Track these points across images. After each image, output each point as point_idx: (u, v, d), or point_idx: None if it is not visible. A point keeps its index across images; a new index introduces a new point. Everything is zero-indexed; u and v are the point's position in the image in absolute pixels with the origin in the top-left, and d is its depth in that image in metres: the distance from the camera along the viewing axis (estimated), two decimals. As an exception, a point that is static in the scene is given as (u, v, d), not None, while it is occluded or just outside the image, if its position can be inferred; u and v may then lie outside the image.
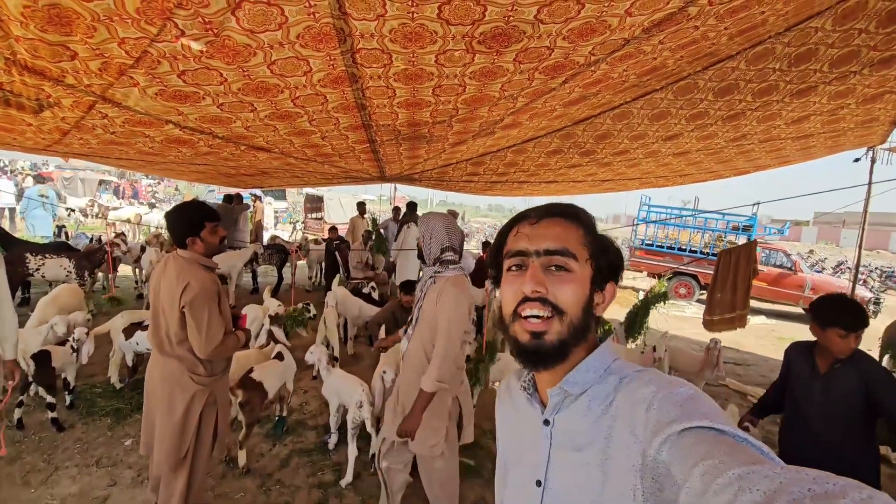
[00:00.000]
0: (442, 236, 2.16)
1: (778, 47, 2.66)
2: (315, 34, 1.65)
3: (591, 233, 0.79)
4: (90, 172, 20.64)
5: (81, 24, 1.42)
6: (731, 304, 4.36)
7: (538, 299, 0.73)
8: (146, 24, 1.44)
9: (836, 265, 18.17)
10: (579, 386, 0.74)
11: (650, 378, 0.69)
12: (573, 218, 0.79)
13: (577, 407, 0.74)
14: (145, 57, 1.65)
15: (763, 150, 4.73)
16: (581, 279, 0.75)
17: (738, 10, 1.98)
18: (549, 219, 0.79)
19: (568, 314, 0.73)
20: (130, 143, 2.88)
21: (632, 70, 2.53)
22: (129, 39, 1.53)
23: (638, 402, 0.65)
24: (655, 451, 0.59)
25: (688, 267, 10.59)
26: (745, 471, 0.47)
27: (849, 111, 3.76)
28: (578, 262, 0.75)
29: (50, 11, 1.34)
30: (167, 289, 2.00)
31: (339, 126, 2.79)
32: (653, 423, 0.60)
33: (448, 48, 1.84)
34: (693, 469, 0.51)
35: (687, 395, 0.62)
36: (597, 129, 3.72)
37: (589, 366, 0.75)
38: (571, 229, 0.78)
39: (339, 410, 3.23)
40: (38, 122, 2.31)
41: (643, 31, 1.94)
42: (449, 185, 6.96)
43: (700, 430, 0.56)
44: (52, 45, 1.53)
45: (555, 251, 0.75)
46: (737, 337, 6.86)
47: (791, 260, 10.16)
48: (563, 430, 0.75)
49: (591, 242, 0.77)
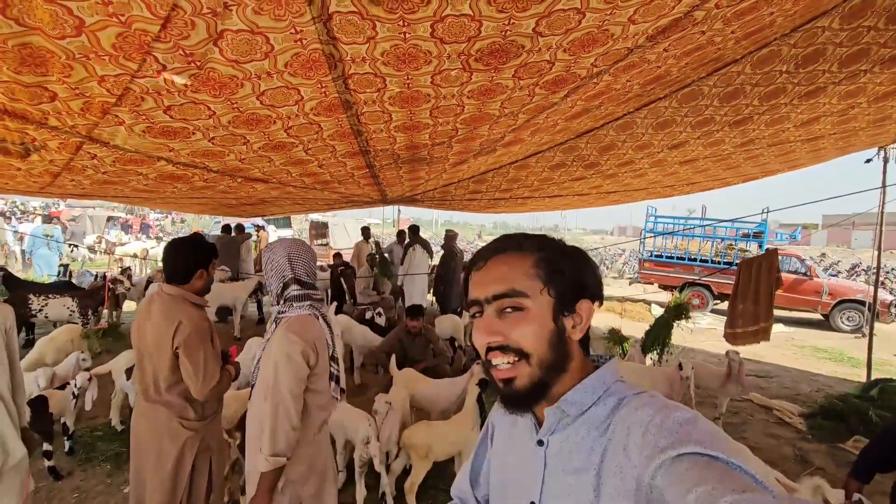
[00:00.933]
0: (282, 266, 1.76)
1: (784, 49, 2.59)
2: (304, 61, 1.58)
3: (544, 258, 0.74)
4: (99, 210, 20.90)
5: (57, 63, 1.36)
6: (753, 316, 4.19)
7: (498, 347, 0.71)
8: (125, 59, 1.38)
9: (851, 268, 17.79)
10: (577, 406, 0.72)
11: (647, 401, 0.67)
12: (516, 250, 0.76)
13: (573, 429, 0.72)
14: (128, 94, 1.58)
15: (772, 155, 4.63)
16: (538, 315, 0.71)
17: (747, 12, 1.90)
18: (493, 259, 0.76)
19: (534, 355, 0.70)
20: (124, 182, 2.83)
21: (635, 80, 2.45)
22: (108, 77, 1.47)
23: (634, 425, 0.64)
24: (650, 477, 0.58)
25: (700, 277, 10.38)
26: (737, 498, 0.47)
27: (860, 110, 3.67)
28: (531, 297, 0.71)
29: (21, 51, 1.28)
30: (154, 330, 1.86)
31: (335, 154, 2.73)
32: (648, 448, 0.60)
33: (444, 68, 1.77)
34: (686, 496, 0.51)
35: (683, 419, 0.61)
36: (600, 141, 3.64)
37: (588, 386, 0.72)
38: (517, 264, 0.74)
39: (345, 447, 3.08)
40: (27, 166, 2.26)
41: (647, 38, 1.86)
42: (452, 204, 6.90)
43: (694, 455, 0.55)
44: (29, 87, 1.47)
45: (502, 294, 0.72)
46: (755, 347, 6.61)
47: (806, 265, 9.92)
48: (557, 452, 0.73)
49: (546, 270, 0.73)
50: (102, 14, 1.17)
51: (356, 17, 1.38)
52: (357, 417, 2.89)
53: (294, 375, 1.59)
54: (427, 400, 3.55)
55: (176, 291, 1.93)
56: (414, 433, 2.83)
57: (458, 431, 2.93)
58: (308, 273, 1.80)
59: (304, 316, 1.72)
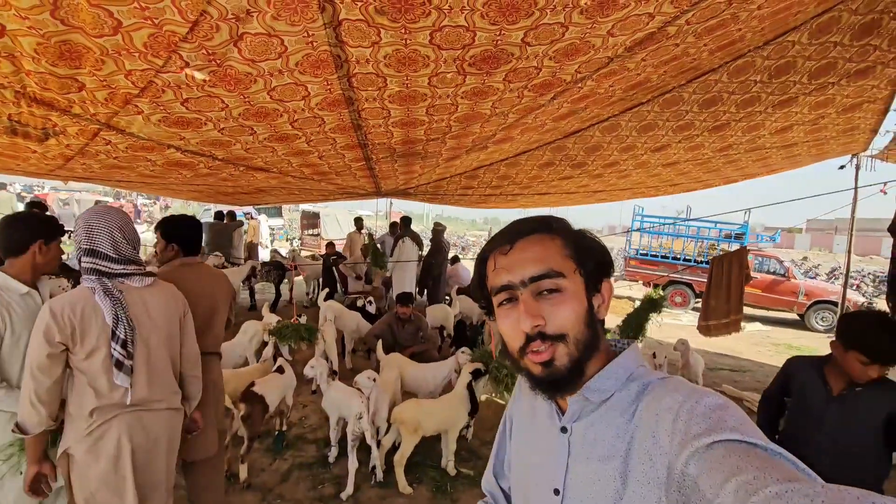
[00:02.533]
0: (80, 237, 1.65)
1: (758, 60, 2.76)
2: (313, 61, 1.73)
3: (571, 238, 0.74)
4: (86, 194, 20.68)
5: (90, 58, 1.50)
6: (725, 310, 4.44)
7: (538, 336, 0.69)
8: (153, 56, 1.52)
9: (830, 271, 18.33)
10: (600, 394, 0.70)
11: (675, 386, 0.65)
12: (546, 230, 0.74)
13: (597, 415, 0.70)
14: (150, 87, 1.72)
15: (750, 160, 4.84)
16: (576, 294, 0.70)
17: (716, 28, 2.08)
18: (521, 241, 0.73)
19: (570, 335, 0.69)
20: (132, 167, 2.95)
21: (618, 85, 2.63)
22: (135, 71, 1.60)
23: (663, 411, 0.62)
24: (683, 465, 0.56)
25: (682, 275, 10.69)
26: (783, 488, 0.44)
27: (829, 120, 3.87)
28: (567, 277, 0.70)
29: (62, 47, 1.41)
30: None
31: (335, 146, 2.88)
32: (680, 435, 0.58)
33: (440, 71, 1.93)
34: (725, 484, 0.49)
35: (715, 404, 0.59)
36: (587, 142, 3.81)
37: (611, 372, 0.71)
38: (549, 244, 0.72)
39: (339, 423, 3.25)
40: (43, 149, 2.38)
41: (626, 49, 2.03)
42: (444, 198, 7.05)
43: (730, 442, 0.53)
44: (62, 78, 1.60)
45: (541, 275, 0.69)
46: (733, 343, 6.91)
47: (784, 266, 10.27)
48: (581, 439, 0.71)
49: (574, 249, 0.72)
50: (139, 17, 1.32)
51: (363, 25, 1.54)
52: (350, 394, 3.06)
53: (37, 350, 1.53)
54: (415, 382, 3.74)
55: None
56: (404, 409, 3.02)
57: (446, 410, 3.13)
58: (112, 244, 1.65)
59: (77, 290, 1.62)
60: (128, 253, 1.70)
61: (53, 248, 1.84)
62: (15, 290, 1.75)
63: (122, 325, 1.61)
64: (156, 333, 1.74)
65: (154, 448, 1.74)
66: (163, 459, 1.78)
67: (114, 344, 1.60)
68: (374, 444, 2.98)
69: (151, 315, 1.74)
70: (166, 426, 1.79)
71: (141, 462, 1.69)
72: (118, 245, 1.67)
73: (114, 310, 1.60)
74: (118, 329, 1.60)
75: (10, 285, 1.74)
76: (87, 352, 1.59)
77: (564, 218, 0.77)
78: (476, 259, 0.82)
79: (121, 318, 1.61)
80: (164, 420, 1.78)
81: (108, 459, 1.62)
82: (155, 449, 1.74)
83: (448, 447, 3.18)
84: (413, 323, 4.71)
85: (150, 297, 1.75)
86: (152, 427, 1.73)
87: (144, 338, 1.70)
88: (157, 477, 1.77)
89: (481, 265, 0.79)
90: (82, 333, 1.57)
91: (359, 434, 2.92)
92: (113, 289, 1.63)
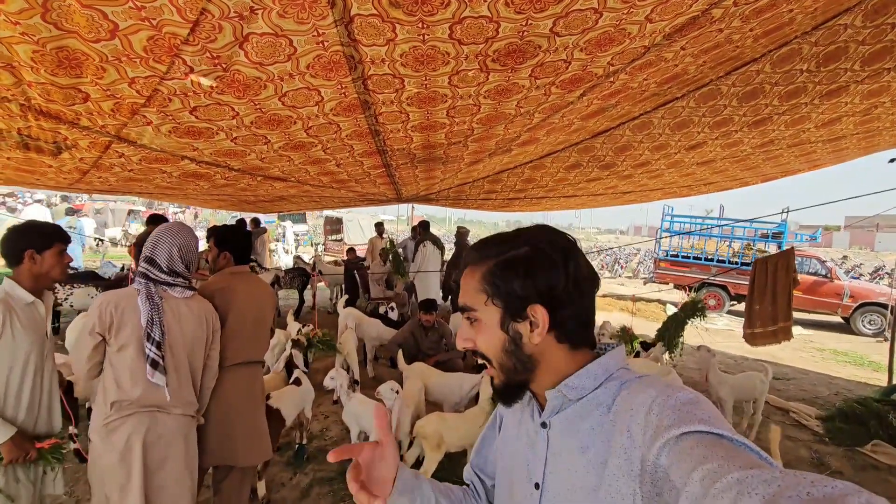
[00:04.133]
0: (146, 245, 1.90)
1: (805, 47, 2.55)
2: (325, 63, 1.62)
3: (492, 270, 0.76)
4: (120, 203, 21.40)
5: (91, 66, 1.42)
6: (772, 316, 4.13)
7: (473, 351, 0.78)
8: (154, 62, 1.43)
9: (874, 271, 17.36)
10: (577, 391, 0.73)
11: (650, 383, 0.68)
12: (475, 263, 0.79)
13: (575, 410, 0.73)
14: (156, 95, 1.64)
15: (792, 155, 4.55)
16: (487, 326, 0.76)
17: (765, 10, 1.88)
18: (464, 272, 0.81)
19: (494, 360, 0.76)
20: (149, 179, 2.92)
21: (652, 78, 2.44)
22: (139, 78, 1.52)
23: (637, 406, 0.65)
24: (654, 456, 0.58)
25: (716, 277, 10.23)
26: (744, 475, 0.47)
27: (884, 110, 3.59)
28: (479, 310, 0.76)
29: (59, 54, 1.34)
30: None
31: (353, 153, 2.77)
32: (652, 428, 0.60)
33: (461, 68, 1.79)
34: (692, 473, 0.51)
35: (686, 399, 0.62)
36: (616, 142, 3.62)
37: (590, 372, 0.73)
38: (468, 279, 0.79)
39: (360, 437, 3.14)
40: (58, 163, 2.35)
41: (664, 37, 1.86)
42: (466, 203, 6.92)
43: (698, 434, 0.56)
44: (64, 88, 1.53)
45: (462, 308, 0.79)
46: (773, 349, 6.52)
47: (826, 267, 9.71)
48: (560, 433, 0.74)
49: (490, 282, 0.75)
50: (135, 18, 1.22)
51: (377, 20, 1.41)
52: (371, 407, 2.95)
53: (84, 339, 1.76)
54: (440, 392, 3.60)
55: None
56: (427, 423, 2.88)
57: (471, 424, 2.97)
58: (168, 258, 1.85)
59: (126, 290, 1.83)
60: (179, 269, 1.88)
61: (48, 257, 1.83)
62: (21, 299, 1.80)
63: (157, 328, 1.76)
64: (183, 342, 1.87)
65: (169, 450, 1.82)
66: (180, 463, 1.85)
67: (148, 345, 1.74)
68: (396, 460, 2.85)
69: (182, 325, 1.87)
70: (182, 430, 1.87)
71: (154, 462, 1.78)
72: (173, 261, 1.87)
73: (150, 313, 1.76)
74: (153, 331, 1.75)
75: (17, 293, 1.80)
76: (119, 346, 1.74)
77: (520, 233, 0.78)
78: None
79: (155, 321, 1.76)
80: (181, 424, 1.86)
81: (116, 452, 1.73)
82: (170, 451, 1.82)
83: (474, 463, 3.02)
84: (437, 330, 4.58)
85: (186, 309, 1.89)
86: (167, 429, 1.82)
87: (171, 344, 1.83)
88: (174, 481, 1.84)
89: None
90: (118, 328, 1.74)
91: (381, 451, 2.80)
92: (155, 294, 1.80)
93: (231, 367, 2.15)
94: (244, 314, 2.18)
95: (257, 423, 2.28)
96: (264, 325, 2.33)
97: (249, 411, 2.21)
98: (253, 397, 2.25)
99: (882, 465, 3.62)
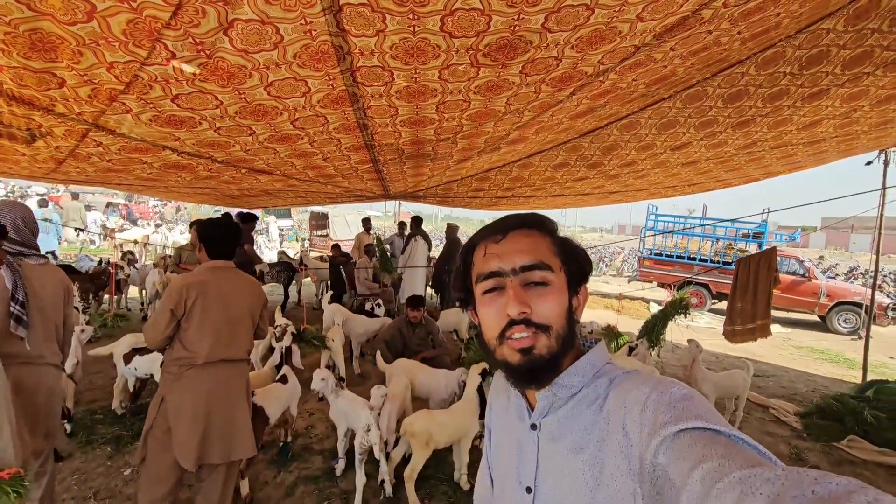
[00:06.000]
0: None
1: (788, 51, 2.59)
2: (313, 53, 1.58)
3: (558, 239, 0.78)
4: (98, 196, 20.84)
5: (66, 50, 1.36)
6: (751, 314, 4.21)
7: (523, 321, 0.70)
8: (135, 46, 1.38)
9: (849, 271, 17.84)
10: (568, 389, 0.72)
11: (643, 378, 0.67)
12: (539, 227, 0.77)
13: (565, 410, 0.72)
14: (136, 81, 1.58)
15: (774, 157, 4.64)
16: (560, 289, 0.73)
17: (754, 12, 1.90)
18: (514, 232, 0.76)
19: (553, 327, 0.71)
20: (129, 170, 2.83)
21: (641, 79, 2.45)
22: (117, 63, 1.47)
23: (631, 403, 0.64)
24: (652, 455, 0.57)
25: (698, 276, 10.41)
26: (746, 474, 0.46)
27: (862, 114, 3.67)
28: (554, 272, 0.73)
29: (32, 37, 1.28)
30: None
31: (340, 147, 2.73)
32: (648, 426, 0.59)
33: (452, 62, 1.77)
34: (692, 472, 0.50)
35: (680, 395, 0.61)
36: (604, 141, 3.64)
37: (578, 369, 0.72)
38: (540, 239, 0.76)
39: (347, 434, 3.11)
40: (32, 151, 2.26)
41: (654, 37, 1.86)
42: (454, 201, 6.90)
43: (696, 430, 0.55)
44: (38, 73, 1.47)
45: (531, 266, 0.72)
46: (753, 347, 6.67)
47: (804, 266, 9.95)
48: (550, 435, 0.73)
49: (561, 249, 0.76)
50: (114, 0, 1.17)
51: (366, 10, 1.38)
52: (358, 404, 2.92)
53: None
54: (426, 388, 3.58)
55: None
56: (415, 421, 2.86)
57: (459, 420, 2.96)
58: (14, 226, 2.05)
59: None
60: (26, 238, 2.10)
61: None
62: None
63: (21, 290, 1.97)
64: (45, 303, 2.11)
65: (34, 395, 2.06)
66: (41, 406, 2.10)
67: (13, 304, 1.94)
68: (382, 457, 2.82)
69: (44, 288, 2.11)
70: (47, 378, 2.14)
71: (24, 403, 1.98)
72: (19, 231, 2.07)
73: (13, 279, 1.96)
74: (17, 293, 1.96)
75: None
76: None
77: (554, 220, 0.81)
78: (463, 247, 0.83)
79: (19, 284, 1.97)
80: (47, 373, 2.14)
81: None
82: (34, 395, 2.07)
83: (461, 458, 3.02)
84: (424, 327, 4.55)
85: (43, 275, 2.13)
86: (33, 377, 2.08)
87: (37, 305, 2.06)
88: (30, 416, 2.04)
89: (468, 253, 0.80)
90: None
91: (367, 447, 2.77)
92: (13, 263, 1.99)
93: (205, 365, 2.11)
94: (215, 311, 2.14)
95: (237, 420, 2.23)
96: (242, 323, 2.27)
97: (226, 409, 2.18)
98: (230, 396, 2.21)
99: (857, 459, 3.71)
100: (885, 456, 3.64)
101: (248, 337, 2.33)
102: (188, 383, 2.09)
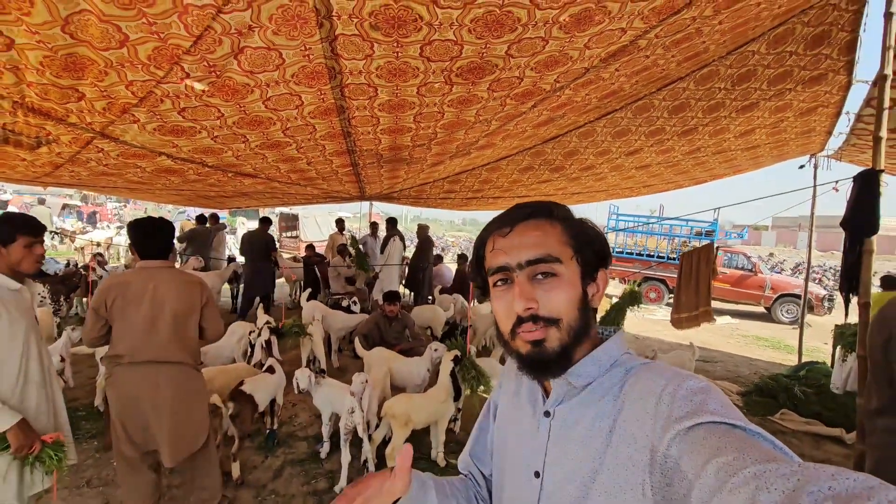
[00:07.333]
0: None
1: (721, 69, 2.96)
2: (308, 73, 1.82)
3: (571, 225, 0.75)
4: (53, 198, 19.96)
5: (94, 70, 1.55)
6: (694, 303, 4.68)
7: (530, 318, 0.69)
8: (155, 68, 1.58)
9: (795, 266, 19.17)
10: (584, 378, 0.71)
11: (658, 370, 0.66)
12: (546, 215, 0.74)
13: (580, 399, 0.71)
14: (150, 97, 1.78)
15: (717, 161, 5.11)
16: (571, 280, 0.71)
17: (682, 42, 2.25)
18: (521, 225, 0.74)
19: (564, 320, 0.69)
20: (121, 174, 2.96)
21: (593, 94, 2.78)
22: (136, 81, 1.66)
23: (646, 395, 0.63)
24: (665, 447, 0.56)
25: (657, 272, 11.04)
26: (762, 469, 0.45)
27: (788, 123, 4.14)
28: (564, 263, 0.71)
29: (67, 59, 1.47)
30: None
31: (325, 152, 2.95)
32: (662, 418, 0.58)
33: (429, 81, 2.04)
34: (706, 465, 0.49)
35: (697, 387, 0.60)
36: (565, 147, 3.97)
37: (596, 358, 0.71)
38: (548, 229, 0.73)
39: (331, 419, 3.32)
40: (33, 157, 2.38)
41: (601, 60, 2.18)
42: (427, 202, 7.16)
43: (711, 424, 0.54)
44: (63, 89, 1.65)
45: (537, 259, 0.70)
46: (704, 336, 7.23)
47: (751, 262, 10.74)
48: (563, 422, 0.72)
49: (573, 236, 0.73)
50: (146, 32, 1.39)
51: (358, 39, 1.63)
52: (342, 390, 3.14)
53: None
54: (401, 377, 3.83)
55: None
56: (395, 404, 3.11)
57: (434, 402, 3.23)
58: None
59: None
60: None
61: (14, 250, 1.81)
62: (4, 286, 1.80)
63: None
64: None
65: None
66: None
67: None
68: (365, 437, 3.06)
69: None
70: None
71: None
72: None
73: None
74: None
75: (2, 281, 1.80)
76: None
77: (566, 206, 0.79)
78: (476, 239, 0.82)
79: None
80: None
81: None
82: None
83: (437, 438, 3.28)
84: (400, 321, 4.78)
85: None
86: None
87: None
88: None
89: (480, 246, 0.80)
90: None
91: (351, 428, 3.00)
92: None
93: (131, 364, 2.09)
94: (132, 311, 2.08)
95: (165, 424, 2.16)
96: (166, 323, 2.13)
97: (155, 412, 2.12)
98: (160, 398, 2.12)
99: (787, 430, 4.19)
100: (811, 426, 4.13)
101: (179, 339, 2.17)
102: (116, 381, 2.12)
